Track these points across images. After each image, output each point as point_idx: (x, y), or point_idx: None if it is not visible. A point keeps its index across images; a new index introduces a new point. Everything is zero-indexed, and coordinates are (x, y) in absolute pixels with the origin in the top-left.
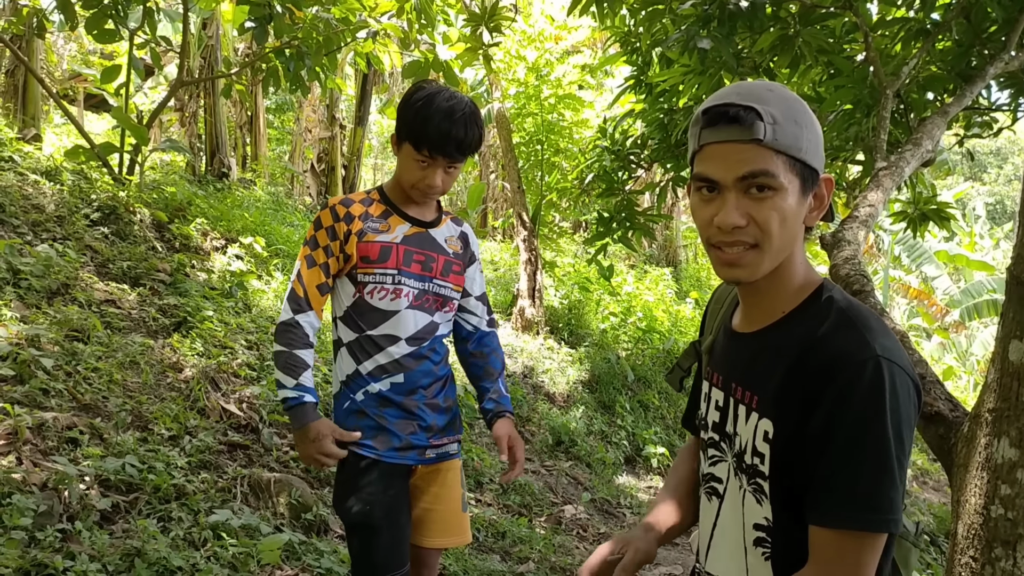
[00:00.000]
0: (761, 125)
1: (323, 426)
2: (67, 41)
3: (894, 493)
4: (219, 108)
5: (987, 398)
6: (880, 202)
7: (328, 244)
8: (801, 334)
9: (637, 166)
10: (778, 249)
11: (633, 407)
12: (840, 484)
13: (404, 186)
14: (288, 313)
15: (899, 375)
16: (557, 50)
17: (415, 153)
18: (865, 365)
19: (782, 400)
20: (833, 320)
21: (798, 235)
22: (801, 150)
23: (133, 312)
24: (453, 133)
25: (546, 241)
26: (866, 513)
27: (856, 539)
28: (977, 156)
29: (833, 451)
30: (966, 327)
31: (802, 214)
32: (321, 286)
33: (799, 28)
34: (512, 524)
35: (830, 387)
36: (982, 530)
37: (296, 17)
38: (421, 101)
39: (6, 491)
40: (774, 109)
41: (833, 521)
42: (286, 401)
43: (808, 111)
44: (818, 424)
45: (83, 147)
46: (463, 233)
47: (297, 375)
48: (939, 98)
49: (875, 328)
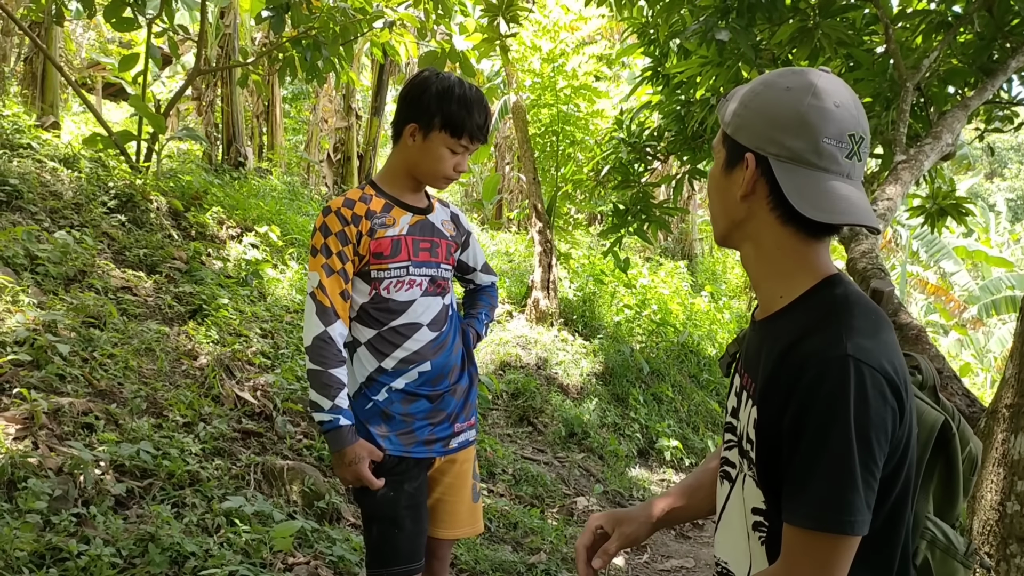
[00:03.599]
0: (721, 100)
1: (360, 449)
2: (86, 29)
3: (853, 495)
4: (236, 97)
5: (1005, 394)
6: (898, 196)
7: (342, 249)
8: (794, 325)
9: (653, 158)
10: (713, 215)
11: (647, 400)
12: (802, 482)
13: (428, 175)
14: (319, 327)
15: (870, 376)
16: (572, 40)
17: (452, 141)
18: (831, 364)
19: (767, 390)
20: (819, 314)
21: (728, 206)
22: (728, 124)
23: (149, 299)
24: (486, 119)
25: (561, 233)
26: (823, 513)
27: (816, 539)
28: (998, 151)
29: (799, 449)
30: (984, 324)
31: (729, 187)
32: (343, 293)
33: (819, 20)
34: (524, 515)
35: (799, 383)
36: (998, 526)
37: (313, 6)
38: (449, 90)
39: (22, 475)
40: (742, 88)
41: (794, 519)
42: (322, 424)
43: (765, 94)
44: (789, 420)
45: (101, 135)
46: (453, 214)
47: (333, 396)
48: (960, 92)
49: (856, 327)
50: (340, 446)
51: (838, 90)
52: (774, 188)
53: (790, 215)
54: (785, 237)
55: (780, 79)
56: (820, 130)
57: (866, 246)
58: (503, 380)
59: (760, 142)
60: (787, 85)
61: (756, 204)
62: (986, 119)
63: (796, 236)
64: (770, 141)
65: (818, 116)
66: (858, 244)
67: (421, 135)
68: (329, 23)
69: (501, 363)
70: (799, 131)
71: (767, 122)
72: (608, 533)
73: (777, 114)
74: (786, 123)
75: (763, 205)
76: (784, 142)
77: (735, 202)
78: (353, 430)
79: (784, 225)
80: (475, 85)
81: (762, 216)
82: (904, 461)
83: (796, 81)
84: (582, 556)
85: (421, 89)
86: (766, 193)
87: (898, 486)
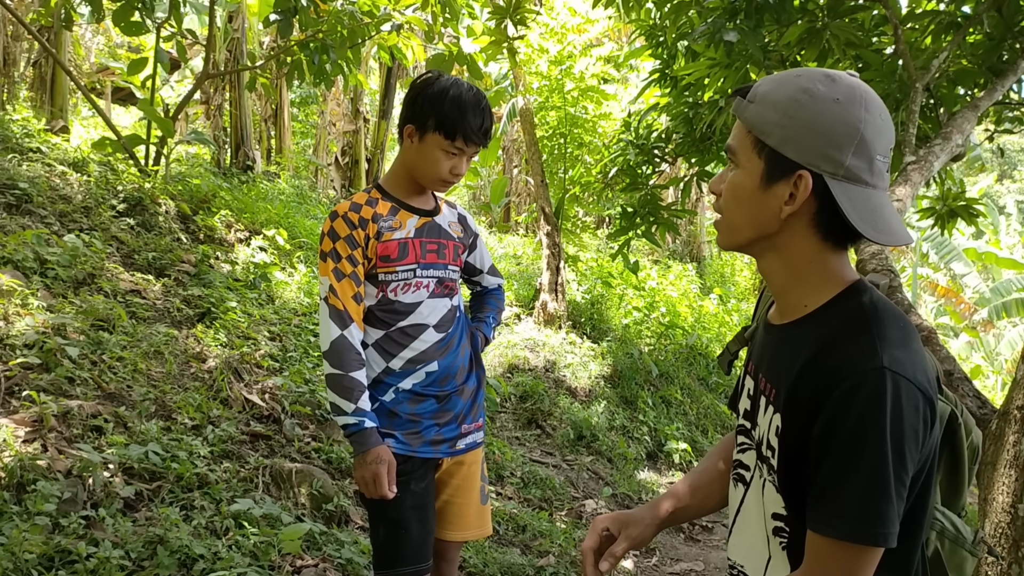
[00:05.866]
0: (741, 101)
1: (384, 452)
2: (95, 34)
3: (887, 507)
4: (244, 101)
5: (1016, 395)
6: (908, 197)
7: (351, 253)
8: (820, 333)
9: (661, 160)
10: (733, 225)
11: (655, 402)
12: (834, 493)
13: (425, 178)
14: (335, 331)
15: (905, 388)
16: (580, 42)
17: (446, 143)
18: (868, 376)
19: (792, 398)
20: (849, 323)
21: (762, 220)
22: (768, 135)
23: (158, 302)
24: (484, 122)
25: (569, 235)
26: (856, 525)
27: (846, 549)
28: (1008, 153)
29: (831, 459)
30: (994, 326)
31: (766, 201)
32: (356, 296)
33: (827, 21)
34: (533, 518)
35: (833, 393)
36: (1010, 528)
37: (321, 10)
38: (443, 92)
39: (31, 477)
40: (767, 88)
41: (824, 529)
42: (346, 428)
43: (813, 105)
44: (820, 429)
45: (110, 139)
46: (460, 216)
47: (356, 399)
48: (969, 92)
49: (890, 337)
50: (365, 448)
51: (877, 100)
52: (823, 206)
53: (830, 231)
54: (819, 251)
55: (821, 87)
56: (875, 147)
57: (875, 247)
58: (511, 383)
59: (814, 159)
60: (835, 96)
61: (795, 220)
62: (996, 120)
63: (829, 249)
64: (825, 159)
65: (873, 133)
66: (868, 246)
67: (417, 136)
68: (337, 26)
69: (509, 366)
70: (858, 150)
71: (821, 138)
72: (614, 535)
73: (832, 130)
74: (843, 140)
75: (803, 221)
76: (843, 160)
77: (773, 217)
78: (377, 432)
79: (823, 240)
80: (475, 87)
81: (798, 230)
82: (927, 466)
83: (842, 92)
84: (588, 559)
85: (418, 91)
86: (812, 211)
87: (920, 489)
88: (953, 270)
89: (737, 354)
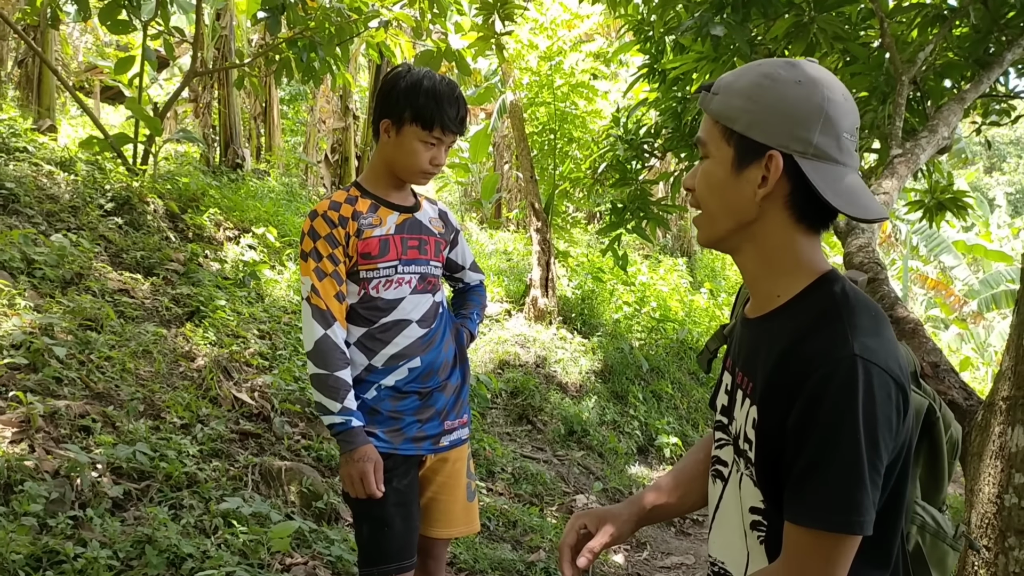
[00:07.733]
0: (706, 95)
1: (371, 451)
2: (83, 33)
3: (862, 495)
4: (233, 99)
5: (1002, 386)
6: (895, 189)
7: (332, 252)
8: (793, 325)
9: (651, 155)
10: (713, 216)
11: (646, 397)
12: (808, 483)
13: (405, 171)
14: (319, 331)
15: (877, 376)
16: (569, 38)
17: (424, 134)
18: (840, 364)
19: (768, 390)
20: (821, 313)
21: (738, 206)
22: (734, 120)
23: (146, 301)
24: (459, 111)
25: (559, 231)
26: (831, 515)
27: (821, 538)
28: (996, 145)
29: (806, 449)
30: (984, 318)
31: (739, 186)
32: (338, 295)
33: (814, 14)
34: (523, 513)
35: (807, 383)
36: (996, 519)
37: (309, 7)
38: (417, 83)
39: (19, 478)
40: (730, 79)
41: (799, 518)
42: (333, 427)
43: (773, 87)
44: (794, 419)
45: (97, 138)
46: (441, 211)
47: (342, 399)
48: (956, 85)
49: (861, 325)
50: (352, 446)
51: (837, 81)
52: (797, 186)
53: (803, 213)
54: (792, 235)
55: (781, 71)
56: (840, 125)
57: (863, 240)
58: (502, 379)
59: (782, 139)
60: (796, 78)
61: (770, 203)
62: (983, 113)
63: (802, 234)
64: (794, 138)
65: (837, 111)
66: (855, 238)
67: (394, 130)
68: (325, 23)
69: (500, 362)
70: (824, 128)
71: (786, 118)
72: (592, 532)
73: (796, 110)
74: (808, 119)
75: (778, 204)
76: (811, 139)
77: (748, 202)
78: (364, 431)
79: (796, 223)
80: (447, 77)
81: (773, 215)
82: (902, 456)
83: (803, 75)
84: (565, 555)
85: (391, 85)
86: (785, 192)
87: (895, 479)
88: (943, 263)
89: (716, 352)
